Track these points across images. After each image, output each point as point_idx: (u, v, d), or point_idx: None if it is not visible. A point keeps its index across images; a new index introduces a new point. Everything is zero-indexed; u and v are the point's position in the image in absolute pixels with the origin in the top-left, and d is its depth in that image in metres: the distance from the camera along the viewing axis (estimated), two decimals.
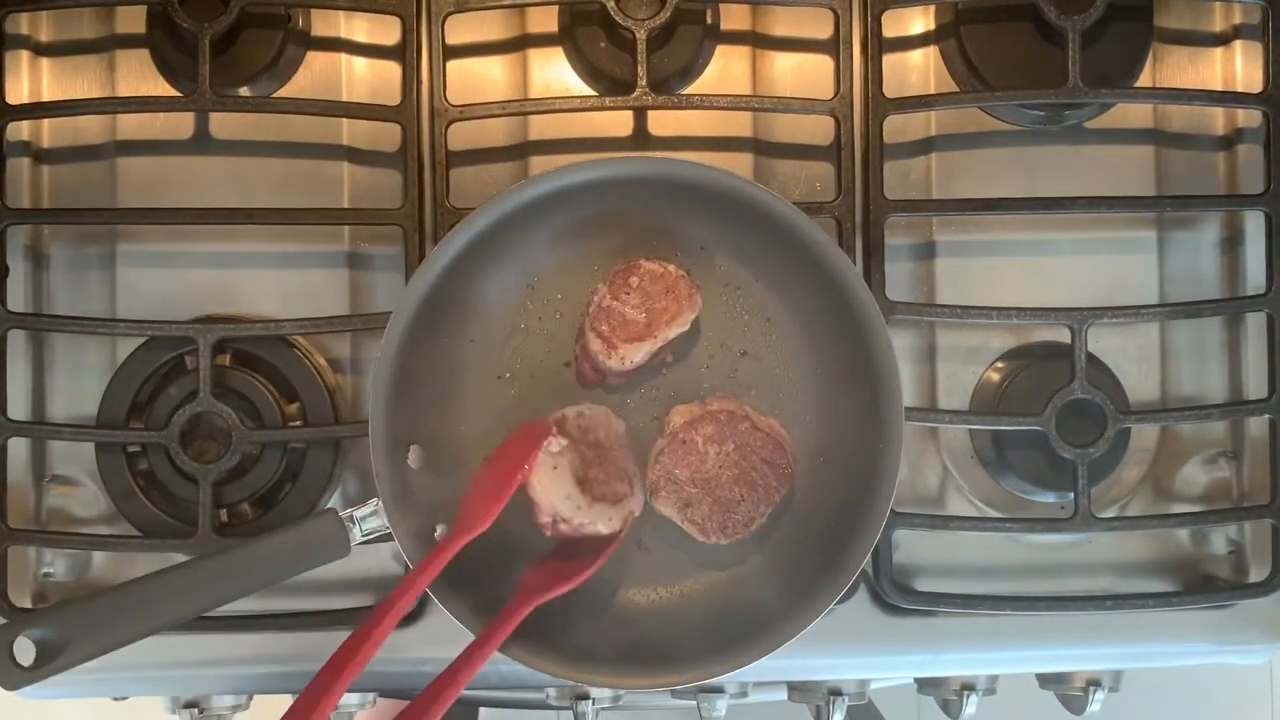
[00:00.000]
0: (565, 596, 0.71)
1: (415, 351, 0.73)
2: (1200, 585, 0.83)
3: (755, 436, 0.73)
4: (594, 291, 0.75)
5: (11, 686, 0.68)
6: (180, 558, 0.72)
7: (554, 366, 0.78)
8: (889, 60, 0.80)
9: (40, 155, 0.81)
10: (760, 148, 0.82)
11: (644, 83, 0.78)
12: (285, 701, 0.67)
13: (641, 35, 0.77)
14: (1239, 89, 0.83)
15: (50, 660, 0.67)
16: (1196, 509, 0.83)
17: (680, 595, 0.77)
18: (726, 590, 0.76)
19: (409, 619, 0.79)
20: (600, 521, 0.73)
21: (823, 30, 0.81)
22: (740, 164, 0.81)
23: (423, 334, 0.73)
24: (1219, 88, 0.84)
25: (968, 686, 0.84)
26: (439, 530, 0.74)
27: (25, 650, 0.67)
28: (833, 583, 0.71)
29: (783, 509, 0.76)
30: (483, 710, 0.95)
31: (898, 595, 0.79)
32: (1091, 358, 0.79)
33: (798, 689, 0.85)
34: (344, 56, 0.82)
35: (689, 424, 0.73)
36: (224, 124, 0.81)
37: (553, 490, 0.72)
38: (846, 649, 0.80)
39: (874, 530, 0.71)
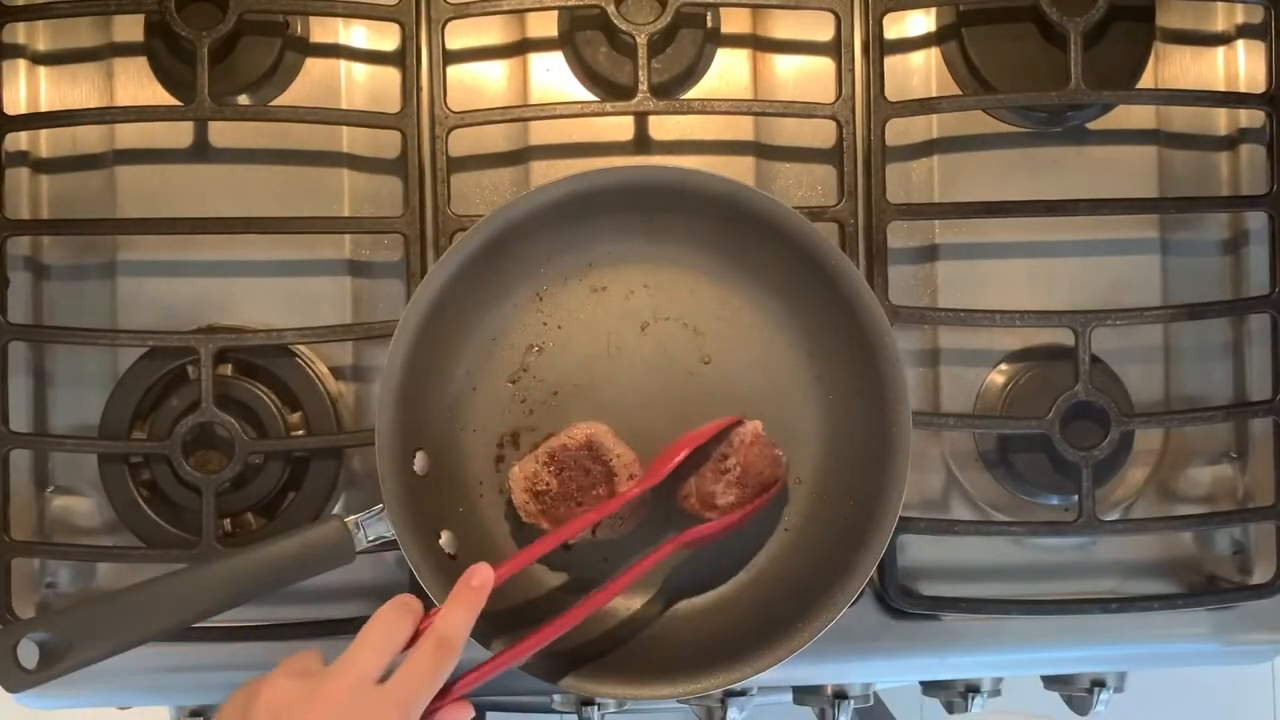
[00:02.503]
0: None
1: (422, 359, 0.72)
2: (1205, 586, 0.83)
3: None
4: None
5: (15, 689, 0.68)
6: None
7: (565, 375, 0.77)
8: (890, 63, 0.80)
9: (39, 165, 0.81)
10: (762, 151, 0.81)
11: (645, 88, 0.77)
12: None
13: (642, 40, 0.77)
14: (1242, 89, 0.83)
15: (54, 663, 0.67)
16: (1201, 510, 0.83)
17: (689, 606, 0.76)
18: (734, 600, 0.76)
19: None
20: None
21: (824, 33, 0.81)
22: (742, 168, 0.81)
23: (430, 342, 0.72)
24: (1222, 88, 0.84)
25: (973, 688, 0.84)
26: (444, 537, 0.73)
27: (29, 653, 0.67)
28: (841, 592, 0.71)
29: (788, 514, 0.76)
30: (489, 715, 0.95)
31: (903, 600, 0.79)
32: (1095, 360, 0.79)
33: (803, 692, 0.85)
34: (343, 63, 0.81)
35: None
36: (223, 132, 0.80)
37: None
38: (852, 653, 0.80)
39: (882, 540, 0.71)
